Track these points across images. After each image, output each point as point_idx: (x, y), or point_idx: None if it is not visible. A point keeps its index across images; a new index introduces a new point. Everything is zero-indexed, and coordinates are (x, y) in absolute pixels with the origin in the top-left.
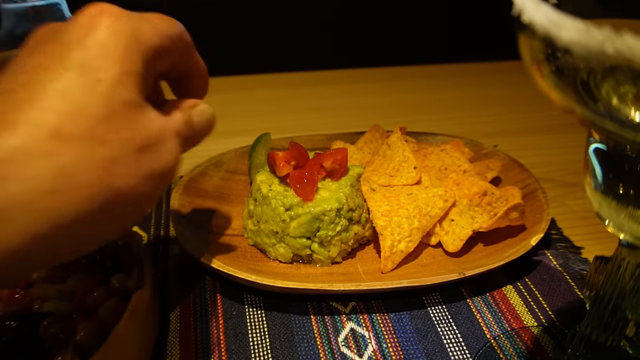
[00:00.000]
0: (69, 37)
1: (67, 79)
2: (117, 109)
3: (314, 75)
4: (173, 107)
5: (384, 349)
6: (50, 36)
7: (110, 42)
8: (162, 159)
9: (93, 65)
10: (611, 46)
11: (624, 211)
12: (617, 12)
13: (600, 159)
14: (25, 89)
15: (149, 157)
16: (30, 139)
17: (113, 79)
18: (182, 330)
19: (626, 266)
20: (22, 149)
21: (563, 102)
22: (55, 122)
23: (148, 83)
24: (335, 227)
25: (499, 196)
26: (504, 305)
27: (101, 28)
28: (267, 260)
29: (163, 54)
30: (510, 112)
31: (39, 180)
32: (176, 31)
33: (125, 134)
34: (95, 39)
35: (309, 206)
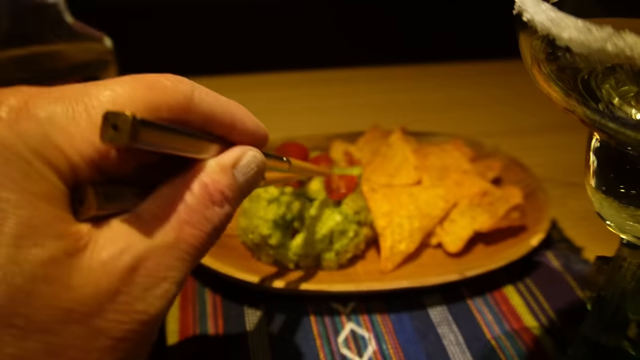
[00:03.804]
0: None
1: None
2: (24, 284)
3: (314, 74)
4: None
5: (384, 349)
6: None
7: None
8: (132, 316)
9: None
10: (612, 45)
11: (625, 211)
12: (617, 12)
13: (601, 158)
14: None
15: (108, 323)
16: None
17: (10, 231)
18: (181, 330)
19: (627, 266)
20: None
21: (564, 102)
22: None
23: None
24: (348, 233)
25: (500, 196)
26: (505, 306)
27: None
28: None
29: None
30: (511, 112)
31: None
32: (155, 97)
33: (52, 312)
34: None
35: (315, 225)
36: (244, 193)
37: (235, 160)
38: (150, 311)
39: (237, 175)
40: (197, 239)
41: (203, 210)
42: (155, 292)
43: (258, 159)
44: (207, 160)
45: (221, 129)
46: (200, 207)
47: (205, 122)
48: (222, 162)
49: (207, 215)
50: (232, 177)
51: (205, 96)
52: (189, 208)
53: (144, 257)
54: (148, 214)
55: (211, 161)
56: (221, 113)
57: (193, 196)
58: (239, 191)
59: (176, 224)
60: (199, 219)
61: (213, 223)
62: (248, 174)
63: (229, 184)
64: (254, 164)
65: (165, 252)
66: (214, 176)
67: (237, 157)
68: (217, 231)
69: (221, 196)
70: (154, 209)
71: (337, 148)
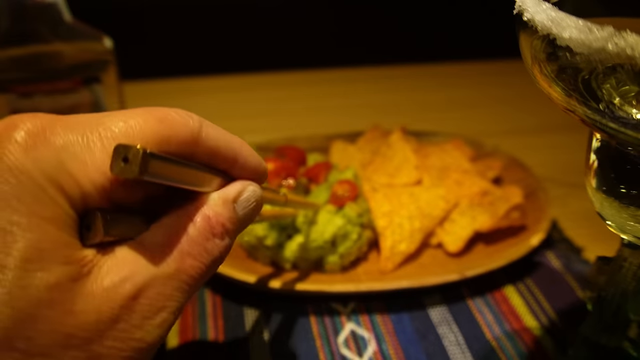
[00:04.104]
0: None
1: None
2: (29, 307)
3: (314, 74)
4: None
5: (384, 349)
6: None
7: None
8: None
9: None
10: (613, 45)
11: (625, 211)
12: (618, 11)
13: (602, 158)
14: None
15: (106, 349)
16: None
17: (19, 254)
18: (181, 331)
19: (628, 267)
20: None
21: (564, 102)
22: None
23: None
24: (352, 236)
25: (500, 196)
26: (505, 306)
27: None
28: None
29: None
30: (511, 112)
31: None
32: (161, 131)
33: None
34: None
35: (317, 233)
36: (242, 226)
37: (236, 195)
38: (147, 339)
39: (238, 209)
40: (197, 270)
41: (204, 242)
42: (154, 321)
43: (257, 194)
44: (210, 193)
45: (224, 163)
46: (202, 239)
47: (211, 156)
48: (225, 195)
49: (208, 247)
50: (233, 211)
51: (212, 132)
52: (191, 239)
53: (145, 286)
54: (151, 243)
55: (214, 194)
56: (225, 148)
57: (195, 228)
58: (238, 224)
59: (178, 255)
60: (199, 251)
61: (213, 255)
62: (247, 207)
63: (229, 217)
64: (254, 198)
65: (166, 282)
66: (216, 209)
67: (238, 191)
68: (216, 263)
69: (222, 229)
70: (157, 239)
71: (337, 148)
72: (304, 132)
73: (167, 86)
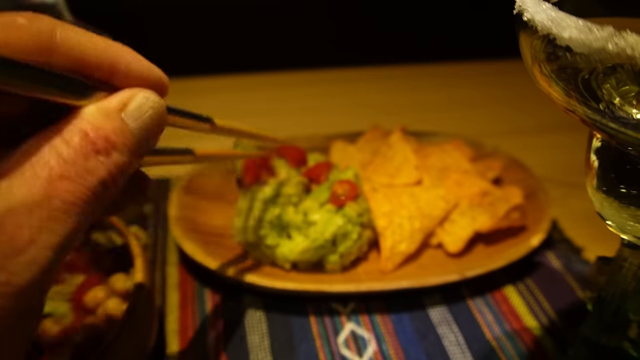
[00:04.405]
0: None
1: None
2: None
3: (314, 74)
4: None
5: (384, 350)
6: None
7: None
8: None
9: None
10: (613, 45)
11: (625, 211)
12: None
13: (602, 158)
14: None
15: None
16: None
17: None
18: (181, 331)
19: (628, 267)
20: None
21: (564, 102)
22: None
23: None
24: (352, 235)
25: (500, 196)
26: (505, 306)
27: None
28: None
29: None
30: (511, 112)
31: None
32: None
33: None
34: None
35: (317, 232)
36: (141, 141)
37: (121, 103)
38: (15, 282)
39: (128, 120)
40: (77, 195)
41: (82, 162)
42: (19, 259)
43: (153, 100)
44: (86, 106)
45: (100, 72)
46: (79, 158)
47: (76, 64)
48: (104, 105)
49: (89, 166)
50: (121, 122)
51: (73, 34)
52: (63, 160)
53: (1, 218)
54: (11, 169)
55: (91, 106)
56: (96, 53)
57: (68, 146)
58: (132, 138)
59: (46, 180)
60: (77, 172)
61: (98, 175)
62: (141, 117)
63: (114, 129)
64: (148, 106)
65: (30, 210)
66: (95, 122)
67: (123, 99)
68: (107, 184)
69: (106, 143)
70: (17, 163)
71: (337, 148)
72: (304, 132)
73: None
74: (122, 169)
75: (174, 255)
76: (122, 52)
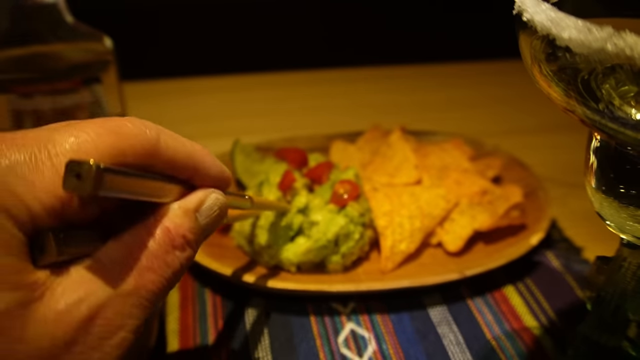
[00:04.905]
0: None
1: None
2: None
3: (314, 74)
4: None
5: (384, 349)
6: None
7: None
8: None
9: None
10: (612, 45)
11: (625, 211)
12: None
13: (601, 158)
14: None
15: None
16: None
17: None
18: (181, 331)
19: (627, 266)
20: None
21: (564, 102)
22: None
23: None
24: (354, 235)
25: (500, 195)
26: (505, 306)
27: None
28: None
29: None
30: (511, 112)
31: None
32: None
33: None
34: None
35: (319, 233)
36: (205, 235)
37: (198, 204)
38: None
39: (200, 219)
40: (157, 285)
41: (164, 256)
42: (112, 341)
43: (220, 201)
44: (170, 204)
45: (185, 172)
46: (162, 253)
47: (170, 166)
48: (185, 205)
49: (168, 260)
50: (195, 221)
51: (171, 141)
52: (150, 254)
53: (102, 306)
54: (108, 260)
55: (174, 205)
56: (185, 157)
57: (155, 241)
58: (201, 234)
59: (136, 271)
60: (159, 265)
61: (174, 268)
62: (210, 216)
63: (190, 228)
64: (217, 206)
65: (124, 300)
66: (176, 220)
67: (200, 200)
68: (177, 275)
69: (183, 240)
70: (114, 255)
71: (337, 148)
72: (304, 132)
73: (166, 86)
74: (190, 261)
75: None
76: (203, 154)
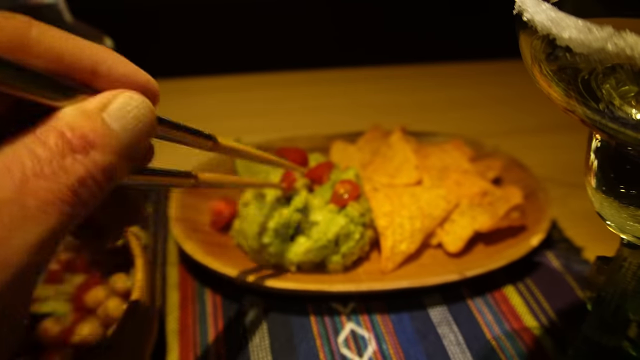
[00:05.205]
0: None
1: None
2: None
3: (314, 74)
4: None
5: (384, 349)
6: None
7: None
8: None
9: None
10: (612, 45)
11: (625, 211)
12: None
13: (602, 158)
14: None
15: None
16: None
17: None
18: (181, 331)
19: (628, 266)
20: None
21: (564, 102)
22: None
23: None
24: (354, 235)
25: (500, 196)
26: (505, 306)
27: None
28: None
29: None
30: (511, 112)
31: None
32: None
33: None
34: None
35: (320, 233)
36: (126, 143)
37: (101, 104)
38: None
39: (109, 121)
40: (55, 193)
41: (59, 160)
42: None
43: (137, 100)
44: (66, 107)
45: (81, 73)
46: (55, 157)
47: (55, 64)
48: (84, 105)
49: (66, 164)
50: (101, 123)
51: (51, 32)
52: (38, 159)
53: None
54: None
55: (69, 107)
56: (75, 54)
57: (43, 145)
58: (115, 138)
59: (18, 177)
60: (53, 170)
61: (77, 174)
62: (125, 117)
63: (94, 129)
64: (132, 106)
65: (0, 209)
66: (72, 122)
67: (104, 100)
68: (86, 184)
69: (83, 142)
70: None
71: (337, 148)
72: (304, 132)
73: (166, 86)
74: (105, 170)
75: (174, 255)
76: (105, 53)
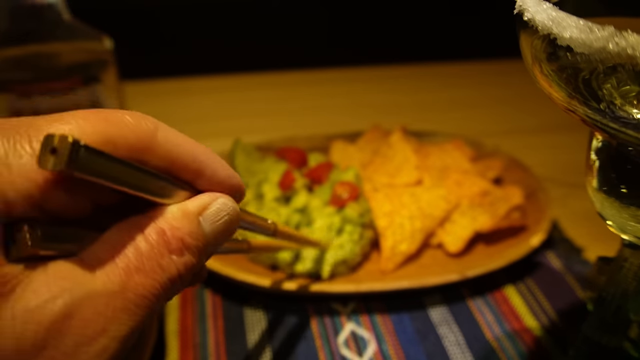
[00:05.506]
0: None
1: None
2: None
3: (314, 74)
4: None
5: (384, 350)
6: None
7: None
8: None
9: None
10: (613, 45)
11: (626, 211)
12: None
13: (602, 158)
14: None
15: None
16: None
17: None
18: (181, 331)
19: (629, 267)
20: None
21: (565, 102)
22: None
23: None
24: (353, 236)
25: (500, 196)
26: (505, 306)
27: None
28: None
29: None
30: (511, 112)
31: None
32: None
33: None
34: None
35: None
36: (212, 243)
37: (201, 207)
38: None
39: (204, 224)
40: (148, 289)
41: (157, 258)
42: (90, 348)
43: (230, 207)
44: (169, 205)
45: (188, 173)
46: (154, 255)
47: (169, 164)
48: (185, 207)
49: (163, 263)
50: (197, 225)
51: (171, 137)
52: (140, 254)
53: (79, 304)
54: (92, 257)
55: (173, 206)
56: (187, 156)
57: (146, 242)
58: (204, 240)
59: (123, 270)
60: (152, 267)
61: (169, 273)
62: (217, 222)
63: (191, 232)
64: (225, 212)
65: (107, 300)
66: (173, 222)
67: (203, 203)
68: (175, 283)
69: (180, 244)
70: (99, 253)
71: (337, 148)
72: (304, 132)
73: (166, 86)
74: (191, 269)
75: None
76: (210, 159)
